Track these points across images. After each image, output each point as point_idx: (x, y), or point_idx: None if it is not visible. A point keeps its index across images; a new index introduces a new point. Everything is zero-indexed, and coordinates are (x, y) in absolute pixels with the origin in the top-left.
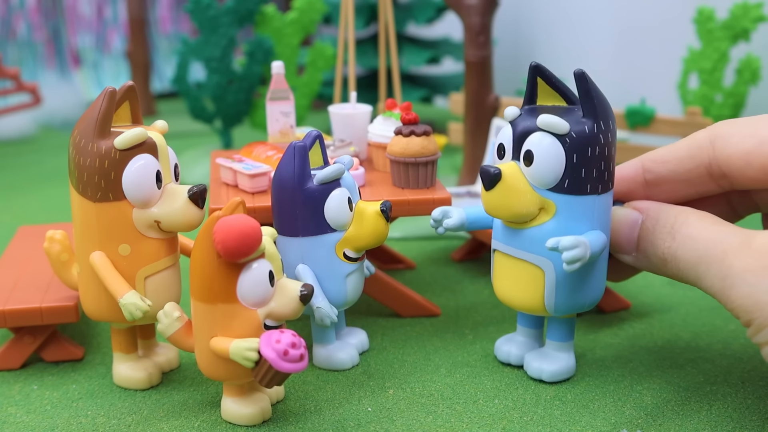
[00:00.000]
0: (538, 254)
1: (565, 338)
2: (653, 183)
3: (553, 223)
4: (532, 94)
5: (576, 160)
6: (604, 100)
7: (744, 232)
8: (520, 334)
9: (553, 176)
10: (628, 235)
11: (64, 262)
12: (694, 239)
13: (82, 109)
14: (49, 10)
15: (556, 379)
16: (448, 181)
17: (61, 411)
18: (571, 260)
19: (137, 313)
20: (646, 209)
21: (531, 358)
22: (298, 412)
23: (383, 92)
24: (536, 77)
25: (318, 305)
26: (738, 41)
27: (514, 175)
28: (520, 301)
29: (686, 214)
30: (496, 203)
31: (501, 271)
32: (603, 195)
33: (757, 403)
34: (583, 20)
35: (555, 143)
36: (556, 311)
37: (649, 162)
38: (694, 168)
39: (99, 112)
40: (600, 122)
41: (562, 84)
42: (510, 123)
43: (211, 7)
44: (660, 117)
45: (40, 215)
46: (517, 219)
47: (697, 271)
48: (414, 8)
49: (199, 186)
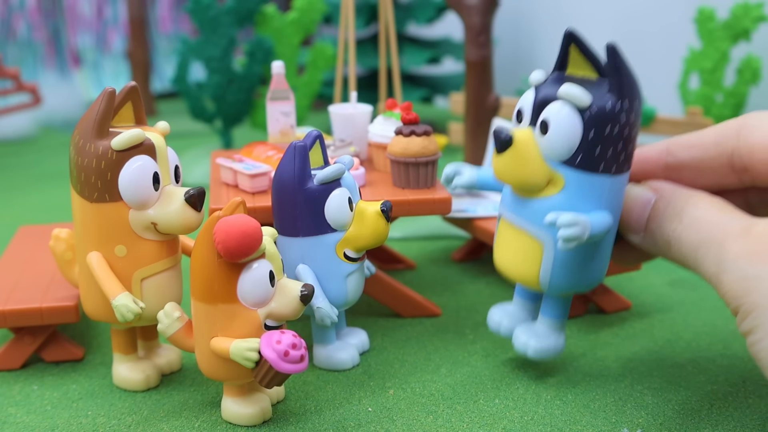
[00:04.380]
0: (539, 227)
1: (557, 316)
2: (674, 168)
3: (560, 197)
4: (564, 61)
5: (593, 135)
6: (633, 79)
7: (748, 219)
8: (516, 304)
9: (567, 149)
10: (639, 214)
11: (68, 260)
12: (699, 222)
13: (82, 109)
14: (49, 10)
15: (541, 357)
16: None
17: (61, 411)
18: (567, 238)
19: (128, 315)
20: (662, 190)
21: (520, 331)
22: (298, 412)
23: (383, 92)
24: (570, 45)
25: (318, 305)
26: (739, 41)
27: (525, 142)
28: (515, 273)
29: (697, 197)
30: (504, 168)
31: (502, 239)
32: (617, 176)
33: (757, 402)
34: (583, 20)
35: (573, 115)
36: (550, 288)
37: (675, 145)
38: (717, 156)
39: (97, 112)
40: (624, 100)
41: (596, 55)
42: (533, 88)
43: (211, 7)
44: (660, 117)
45: (40, 215)
46: (523, 187)
47: (696, 255)
48: (414, 8)
49: (197, 189)
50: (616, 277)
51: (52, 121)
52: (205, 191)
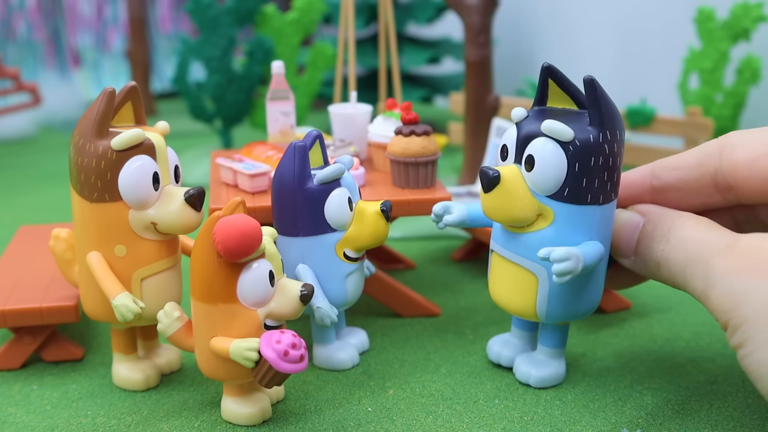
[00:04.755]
0: (533, 261)
1: (556, 345)
2: (660, 190)
3: (551, 230)
4: (543, 95)
5: (578, 168)
6: (613, 109)
7: (733, 235)
8: (514, 335)
9: (554, 183)
10: (629, 238)
11: (68, 260)
12: (686, 242)
13: (82, 109)
14: (49, 9)
15: (543, 386)
16: (448, 181)
17: (61, 411)
18: (561, 273)
19: (128, 315)
20: (649, 213)
21: (521, 361)
22: (298, 412)
23: (383, 92)
24: (548, 78)
25: (318, 305)
26: (738, 41)
27: (513, 179)
28: (512, 305)
29: (684, 218)
30: (494, 206)
31: (496, 273)
32: (604, 205)
33: (757, 402)
34: (583, 20)
35: (557, 150)
36: (547, 318)
37: (659, 169)
38: (700, 177)
39: (97, 112)
40: (606, 131)
41: (574, 87)
42: (516, 124)
43: (211, 7)
44: (660, 117)
45: (40, 215)
46: (513, 223)
47: (684, 274)
48: (414, 8)
49: (197, 189)
50: None
51: (52, 121)
52: (204, 191)
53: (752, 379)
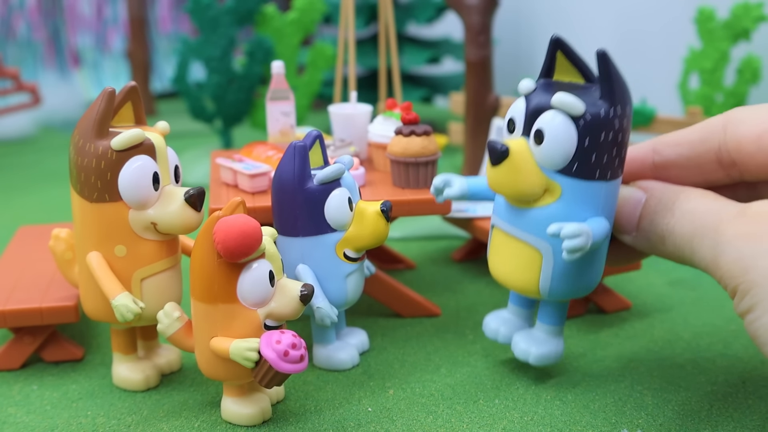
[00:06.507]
0: (538, 237)
1: (556, 322)
2: (662, 166)
3: (557, 206)
4: (550, 68)
5: (588, 143)
6: (624, 84)
7: (741, 204)
8: (511, 311)
9: (563, 158)
10: (630, 214)
11: (68, 260)
12: (693, 213)
13: (82, 109)
14: (49, 9)
15: (542, 363)
16: None
17: (61, 411)
18: (573, 249)
19: (128, 315)
20: (651, 188)
21: (519, 338)
22: (298, 412)
23: (383, 92)
24: (556, 51)
25: (318, 305)
26: (739, 41)
27: (521, 153)
28: (514, 282)
29: (688, 192)
30: (501, 180)
31: (498, 248)
32: (611, 181)
33: (757, 402)
34: (583, 20)
35: (568, 124)
36: (550, 296)
37: (661, 144)
38: (704, 153)
39: (97, 112)
40: (617, 106)
41: (583, 61)
42: (524, 97)
43: (211, 7)
44: (660, 117)
45: (40, 215)
46: (520, 198)
47: (692, 245)
48: (414, 8)
49: (197, 189)
50: (616, 277)
51: (52, 121)
52: (204, 191)
53: (759, 344)
